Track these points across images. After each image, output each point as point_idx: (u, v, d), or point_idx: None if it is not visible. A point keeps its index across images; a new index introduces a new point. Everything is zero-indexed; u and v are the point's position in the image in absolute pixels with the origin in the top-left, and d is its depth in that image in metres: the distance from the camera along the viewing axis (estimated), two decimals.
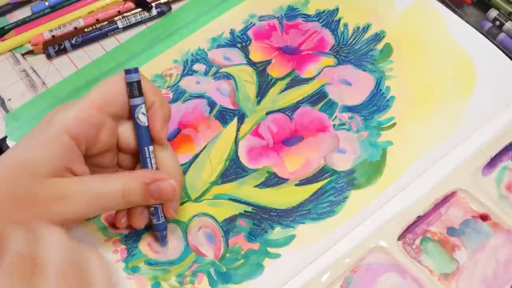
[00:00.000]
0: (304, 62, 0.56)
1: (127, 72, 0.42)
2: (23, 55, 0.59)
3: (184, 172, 0.50)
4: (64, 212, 0.40)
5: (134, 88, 0.43)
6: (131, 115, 0.43)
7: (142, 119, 0.43)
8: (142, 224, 0.45)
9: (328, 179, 0.49)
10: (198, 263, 0.46)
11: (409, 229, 0.48)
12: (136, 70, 0.43)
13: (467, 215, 0.48)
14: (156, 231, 0.46)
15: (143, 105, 0.43)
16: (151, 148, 0.44)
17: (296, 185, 0.49)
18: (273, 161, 0.50)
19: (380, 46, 0.56)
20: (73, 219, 0.41)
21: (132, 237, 0.47)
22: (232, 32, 0.58)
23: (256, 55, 0.56)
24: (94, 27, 0.59)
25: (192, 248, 0.47)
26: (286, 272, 0.45)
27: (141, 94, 0.43)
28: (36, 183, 0.40)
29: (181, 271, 0.46)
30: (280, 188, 0.49)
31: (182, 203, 0.48)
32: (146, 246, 0.47)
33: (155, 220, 0.45)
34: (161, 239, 0.46)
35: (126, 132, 0.44)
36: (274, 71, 0.55)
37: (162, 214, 0.45)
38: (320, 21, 0.58)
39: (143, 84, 0.43)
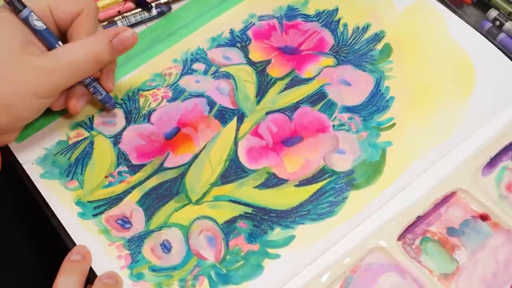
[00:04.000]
0: (304, 62, 0.56)
1: None
2: None
3: (184, 173, 0.50)
4: (45, 83, 0.45)
5: (16, 3, 0.46)
6: (27, 26, 0.46)
7: (38, 24, 0.46)
8: (79, 109, 0.50)
9: (328, 179, 0.49)
10: (199, 267, 0.46)
11: (409, 229, 0.48)
12: None
13: (467, 215, 0.48)
14: (105, 103, 0.51)
15: (32, 13, 0.46)
16: (60, 43, 0.47)
17: (296, 185, 0.49)
18: (272, 162, 0.50)
19: (379, 46, 0.56)
20: (54, 90, 0.46)
21: (135, 241, 0.47)
22: (231, 31, 0.58)
23: (256, 54, 0.56)
24: None
25: (193, 252, 0.47)
26: (286, 273, 0.46)
27: (24, 5, 0.46)
28: (13, 61, 0.44)
29: (183, 275, 0.46)
30: (280, 189, 0.49)
31: (183, 206, 0.49)
32: (149, 251, 0.47)
33: (99, 97, 0.50)
34: (112, 106, 0.52)
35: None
36: (274, 71, 0.55)
37: (102, 89, 0.50)
38: (320, 21, 0.58)
39: None
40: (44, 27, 0.47)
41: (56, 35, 0.48)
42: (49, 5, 0.47)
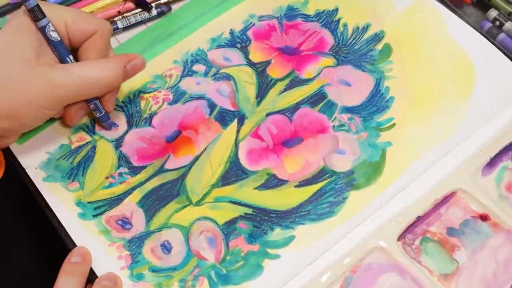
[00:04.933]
0: (304, 62, 0.56)
1: (24, 0, 0.46)
2: None
3: (185, 174, 0.50)
4: (54, 96, 0.46)
5: (37, 12, 0.46)
6: (43, 35, 0.47)
7: (54, 35, 0.47)
8: (76, 122, 0.52)
9: (328, 180, 0.49)
10: (199, 267, 0.46)
11: (408, 229, 0.48)
12: None
13: (467, 215, 0.48)
14: (102, 122, 0.52)
15: (50, 24, 0.47)
16: (71, 57, 0.48)
17: (296, 186, 0.49)
18: (273, 163, 0.50)
19: (379, 46, 0.56)
20: (60, 103, 0.48)
21: (135, 242, 0.47)
22: (231, 32, 0.58)
23: (256, 55, 0.56)
24: None
25: (194, 253, 0.47)
26: (286, 273, 0.46)
27: (44, 15, 0.47)
28: (27, 69, 0.45)
29: (183, 276, 0.46)
30: (280, 189, 0.49)
31: (183, 207, 0.49)
32: (149, 252, 0.47)
33: (98, 114, 0.51)
34: (108, 126, 0.52)
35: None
36: (274, 71, 0.55)
37: (102, 107, 0.51)
38: (320, 21, 0.58)
39: (77, 16, 0.49)
40: (59, 38, 0.48)
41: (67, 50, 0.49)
42: (65, 20, 0.48)
